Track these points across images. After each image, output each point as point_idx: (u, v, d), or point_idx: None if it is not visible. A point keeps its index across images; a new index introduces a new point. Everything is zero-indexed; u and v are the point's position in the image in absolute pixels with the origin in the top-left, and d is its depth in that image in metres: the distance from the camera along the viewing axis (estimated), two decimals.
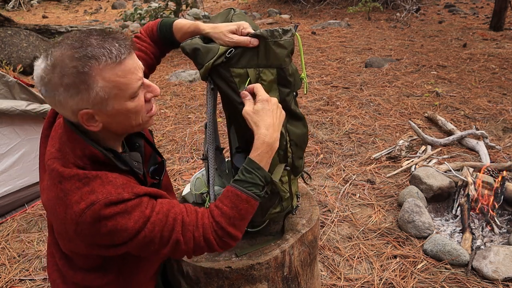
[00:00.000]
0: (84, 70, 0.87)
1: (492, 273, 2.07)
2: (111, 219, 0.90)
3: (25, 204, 2.96)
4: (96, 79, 0.88)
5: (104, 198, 0.89)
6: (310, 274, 1.44)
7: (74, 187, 0.91)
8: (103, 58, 0.88)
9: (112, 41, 0.90)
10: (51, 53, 0.88)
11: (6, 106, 2.67)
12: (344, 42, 7.13)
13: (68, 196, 0.90)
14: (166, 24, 1.21)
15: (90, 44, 0.88)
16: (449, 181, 2.73)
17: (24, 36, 6.78)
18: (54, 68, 0.87)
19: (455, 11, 9.68)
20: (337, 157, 3.40)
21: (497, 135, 3.63)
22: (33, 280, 2.32)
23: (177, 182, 3.16)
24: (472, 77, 5.05)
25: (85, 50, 0.87)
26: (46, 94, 0.91)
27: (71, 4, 15.17)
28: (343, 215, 2.68)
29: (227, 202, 1.02)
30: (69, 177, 0.92)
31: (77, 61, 0.86)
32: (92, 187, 0.91)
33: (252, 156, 1.05)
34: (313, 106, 4.40)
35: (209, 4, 13.00)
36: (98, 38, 0.89)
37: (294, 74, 1.16)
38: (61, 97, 0.89)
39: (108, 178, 0.93)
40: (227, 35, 1.08)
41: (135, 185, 0.97)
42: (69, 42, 0.88)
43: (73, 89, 0.88)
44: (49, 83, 0.88)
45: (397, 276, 2.17)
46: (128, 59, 0.92)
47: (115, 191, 0.91)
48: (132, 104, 0.95)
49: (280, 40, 1.09)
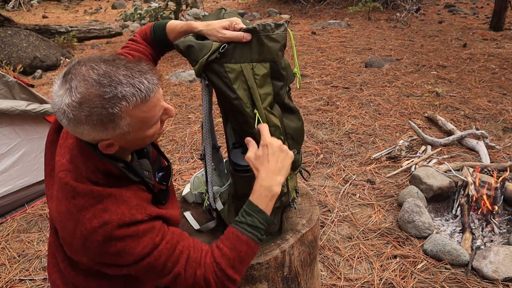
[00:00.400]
0: (114, 111, 0.85)
1: (492, 273, 2.07)
2: (122, 240, 0.91)
3: (25, 204, 2.96)
4: (124, 118, 0.87)
5: (118, 219, 0.90)
6: (310, 274, 1.44)
7: (88, 203, 0.91)
8: (133, 99, 0.86)
9: (140, 77, 0.87)
10: (76, 88, 0.84)
11: (6, 106, 2.67)
12: (344, 42, 7.13)
13: (82, 212, 0.91)
14: (159, 26, 1.22)
15: (120, 82, 0.85)
16: (449, 181, 2.73)
17: (24, 36, 6.78)
18: (81, 106, 0.84)
19: (455, 11, 9.68)
20: (337, 157, 3.40)
21: (497, 135, 3.63)
22: (33, 280, 2.32)
23: (177, 182, 3.16)
24: (472, 77, 5.05)
25: (115, 90, 0.84)
26: (67, 125, 0.88)
27: (71, 4, 15.17)
28: (343, 215, 2.68)
29: (228, 243, 1.02)
30: (84, 194, 0.92)
31: (106, 102, 0.84)
32: (106, 205, 0.91)
33: (252, 198, 1.07)
34: (313, 106, 4.40)
35: (209, 4, 13.00)
36: (126, 73, 0.86)
37: (286, 68, 1.17)
38: (84, 131, 0.88)
39: (123, 197, 0.94)
40: (220, 31, 1.09)
41: (148, 205, 0.98)
42: (96, 78, 0.84)
43: (100, 127, 0.87)
44: (74, 119, 0.85)
45: (397, 276, 2.17)
46: (156, 94, 0.91)
47: (129, 212, 0.92)
48: (152, 130, 0.96)
49: (273, 34, 1.09)
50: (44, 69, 6.55)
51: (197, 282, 1.00)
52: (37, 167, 2.95)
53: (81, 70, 0.85)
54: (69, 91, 0.84)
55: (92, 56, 0.90)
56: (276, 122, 1.16)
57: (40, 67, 6.52)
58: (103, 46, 8.27)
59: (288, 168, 1.11)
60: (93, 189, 0.92)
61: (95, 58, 0.88)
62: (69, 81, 0.85)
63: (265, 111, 1.14)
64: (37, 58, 6.55)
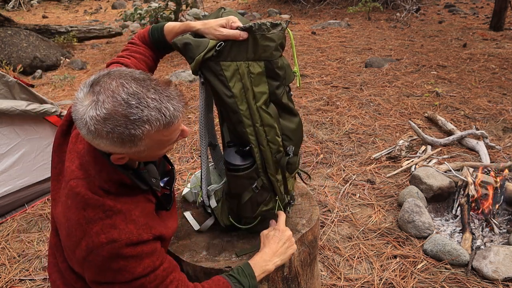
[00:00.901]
0: (136, 133, 0.86)
1: (492, 273, 2.07)
2: (126, 259, 0.93)
3: (25, 204, 2.96)
4: (144, 140, 0.88)
5: (126, 238, 0.92)
6: (310, 274, 1.44)
7: (97, 217, 0.92)
8: (156, 124, 0.86)
9: (167, 102, 0.87)
10: (103, 103, 0.83)
11: (6, 106, 2.67)
12: (344, 42, 7.13)
13: (90, 225, 0.92)
14: (157, 28, 1.22)
15: (147, 105, 0.85)
16: (449, 181, 2.73)
17: (24, 36, 6.78)
18: (105, 121, 0.84)
19: (455, 11, 9.68)
20: (337, 157, 3.40)
21: (497, 135, 3.63)
22: (33, 280, 2.32)
23: (177, 182, 3.16)
24: (472, 77, 5.05)
25: (142, 113, 0.84)
26: (85, 134, 0.88)
27: (71, 4, 15.17)
28: (343, 215, 2.68)
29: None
30: (94, 206, 0.93)
31: (130, 123, 0.84)
32: (115, 221, 0.92)
33: (251, 263, 1.15)
34: (313, 106, 4.40)
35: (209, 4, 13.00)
36: (155, 96, 0.86)
37: (284, 67, 1.17)
38: (101, 144, 0.88)
39: (131, 216, 0.95)
40: (217, 29, 1.10)
41: (153, 222, 1.00)
42: (125, 97, 0.84)
43: (118, 144, 0.87)
44: (95, 132, 0.85)
45: (397, 276, 2.17)
46: (179, 121, 0.92)
47: (137, 232, 0.94)
48: (165, 150, 0.98)
49: (268, 33, 1.10)
50: (44, 69, 6.55)
51: None
52: (37, 167, 2.96)
53: (111, 84, 0.85)
54: (96, 104, 0.84)
55: (123, 70, 0.89)
56: (271, 122, 1.16)
57: (40, 67, 6.52)
58: (103, 46, 8.27)
59: (287, 257, 1.21)
60: (104, 203, 0.93)
61: (126, 74, 0.88)
62: (97, 94, 0.85)
63: (260, 110, 1.14)
64: (37, 58, 6.55)
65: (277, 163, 1.22)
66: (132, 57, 1.20)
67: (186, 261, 1.27)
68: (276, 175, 1.24)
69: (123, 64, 1.17)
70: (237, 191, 1.23)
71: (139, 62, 1.21)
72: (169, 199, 1.13)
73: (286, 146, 1.23)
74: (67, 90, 5.54)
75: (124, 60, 1.19)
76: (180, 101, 0.91)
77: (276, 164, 1.22)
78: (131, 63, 1.18)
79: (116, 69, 0.90)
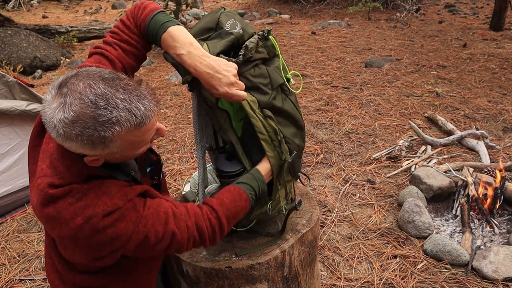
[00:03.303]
0: (106, 134, 0.83)
1: (492, 273, 2.07)
2: (111, 226, 0.91)
3: (25, 204, 2.96)
4: (115, 141, 0.86)
5: (102, 210, 0.90)
6: (310, 274, 1.44)
7: (67, 203, 0.90)
8: (126, 125, 0.84)
9: (138, 102, 0.85)
10: (70, 105, 0.81)
11: (6, 106, 2.67)
12: (344, 42, 7.13)
13: (61, 214, 0.90)
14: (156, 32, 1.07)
15: (116, 106, 0.82)
16: (449, 181, 2.73)
17: (24, 36, 6.78)
18: (73, 124, 0.82)
19: (455, 11, 9.68)
20: (337, 157, 3.40)
21: (497, 135, 3.63)
22: (33, 280, 2.32)
23: (177, 182, 3.16)
24: (472, 77, 5.05)
25: (110, 114, 0.82)
26: (55, 137, 0.86)
27: (71, 4, 15.17)
28: (343, 215, 2.68)
29: (228, 195, 1.07)
30: (62, 196, 0.90)
31: (99, 124, 0.82)
32: (86, 202, 0.90)
33: (261, 168, 1.16)
34: (313, 106, 4.40)
35: (209, 4, 13.00)
36: (124, 96, 0.84)
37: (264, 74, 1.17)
38: (72, 146, 0.86)
39: (102, 188, 0.92)
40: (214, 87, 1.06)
41: (128, 189, 0.96)
42: (92, 98, 0.81)
43: (89, 146, 0.85)
44: (64, 135, 0.83)
45: (397, 276, 2.17)
46: (151, 120, 0.89)
47: (111, 202, 0.92)
48: (140, 150, 0.95)
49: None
50: (44, 69, 6.55)
51: (191, 233, 1.01)
52: None
53: (78, 86, 0.83)
54: (63, 106, 0.82)
55: (91, 70, 0.87)
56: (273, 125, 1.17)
57: (40, 67, 6.52)
58: None
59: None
60: (72, 188, 0.90)
61: (94, 75, 0.85)
62: (64, 96, 0.82)
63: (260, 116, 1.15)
64: (37, 58, 6.55)
65: (281, 167, 1.22)
66: (119, 48, 1.09)
67: (186, 261, 1.27)
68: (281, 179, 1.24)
69: (107, 58, 1.07)
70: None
71: (127, 55, 1.10)
72: (158, 190, 1.11)
73: (291, 149, 1.23)
74: None
75: (109, 53, 1.08)
76: (152, 99, 0.88)
77: (281, 167, 1.22)
78: (115, 58, 1.08)
79: (84, 69, 0.87)
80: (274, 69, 1.21)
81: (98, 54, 1.09)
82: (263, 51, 1.18)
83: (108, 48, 1.09)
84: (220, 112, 1.15)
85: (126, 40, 1.09)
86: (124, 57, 1.09)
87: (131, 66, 1.13)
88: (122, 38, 1.10)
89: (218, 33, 1.15)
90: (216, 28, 1.16)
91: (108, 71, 0.88)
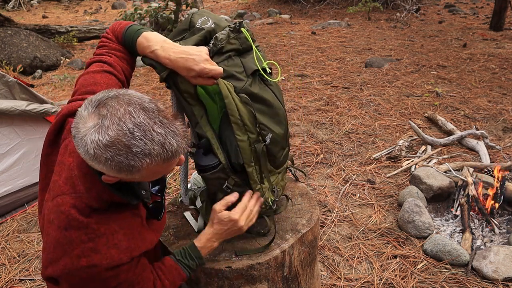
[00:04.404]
0: (136, 164, 0.84)
1: (492, 273, 2.07)
2: (104, 280, 0.95)
3: (25, 204, 2.96)
4: (141, 171, 0.86)
5: (107, 263, 0.92)
6: (310, 274, 1.44)
7: (79, 239, 0.91)
8: (157, 159, 0.85)
9: (172, 138, 0.85)
10: (107, 128, 0.81)
11: (6, 106, 2.67)
12: (344, 42, 7.13)
13: (71, 246, 0.91)
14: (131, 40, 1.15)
15: (152, 139, 0.83)
16: (449, 181, 2.73)
17: (24, 36, 6.78)
18: (106, 148, 0.81)
19: (455, 11, 9.68)
20: (337, 157, 3.40)
21: (497, 135, 3.63)
22: (33, 280, 2.32)
23: (177, 182, 3.16)
24: (472, 77, 5.05)
25: (144, 146, 0.82)
26: (83, 154, 0.85)
27: (71, 4, 15.17)
28: (343, 215, 2.68)
29: (170, 277, 1.13)
30: (77, 228, 0.91)
31: (132, 154, 0.82)
32: (96, 245, 0.91)
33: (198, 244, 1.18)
34: (313, 106, 4.40)
35: (209, 4, 13.01)
36: (160, 131, 0.84)
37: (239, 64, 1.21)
38: (96, 166, 0.86)
39: (114, 240, 0.94)
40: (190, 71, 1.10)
41: (136, 244, 1.00)
42: (130, 127, 0.81)
43: (115, 170, 0.85)
44: (94, 155, 0.83)
45: (397, 276, 2.17)
46: (179, 156, 0.91)
47: (118, 256, 0.94)
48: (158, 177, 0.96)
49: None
50: (44, 69, 6.55)
51: None
52: (37, 167, 2.96)
53: (118, 111, 0.82)
54: (100, 128, 0.81)
55: (132, 96, 0.86)
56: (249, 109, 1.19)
57: (40, 67, 6.52)
58: None
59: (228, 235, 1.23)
60: (88, 226, 0.91)
61: (135, 102, 0.85)
62: (102, 117, 0.82)
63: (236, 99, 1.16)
64: (37, 58, 6.55)
65: (255, 152, 1.21)
66: (113, 55, 1.16)
67: None
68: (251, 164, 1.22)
69: (106, 63, 1.13)
70: (215, 189, 1.25)
71: (121, 60, 1.16)
72: (160, 206, 1.13)
73: (265, 135, 1.23)
74: (67, 90, 5.54)
75: (106, 59, 1.14)
76: (183, 137, 0.89)
77: (254, 153, 1.21)
78: (113, 62, 1.14)
79: (125, 93, 0.86)
80: (249, 59, 1.24)
81: (97, 61, 1.15)
82: (235, 42, 1.21)
83: (104, 57, 1.15)
84: (197, 108, 1.18)
85: (115, 48, 1.17)
86: (119, 62, 1.16)
87: (127, 69, 1.19)
88: (111, 47, 1.17)
89: (191, 31, 1.22)
90: (189, 28, 1.23)
91: (148, 99, 0.88)
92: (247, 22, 9.49)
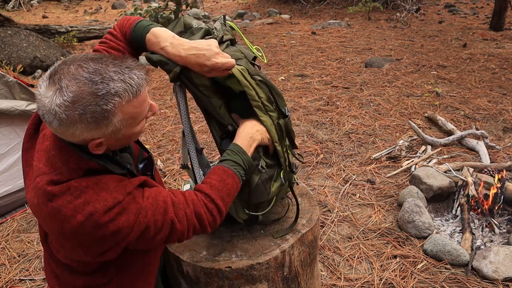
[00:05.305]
0: (108, 107, 0.85)
1: (492, 273, 2.07)
2: (112, 221, 0.91)
3: (25, 204, 2.96)
4: (117, 115, 0.88)
5: (102, 205, 0.90)
6: (310, 274, 1.44)
7: (66, 201, 0.90)
8: (125, 95, 0.87)
9: (130, 72, 0.88)
10: (67, 87, 0.83)
11: (6, 106, 2.67)
12: (344, 42, 7.13)
13: (62, 212, 0.90)
14: (140, 35, 1.14)
15: (111, 79, 0.85)
16: (449, 181, 2.73)
17: (24, 36, 6.78)
18: (74, 104, 0.83)
19: (455, 11, 9.68)
20: (337, 157, 3.40)
21: (497, 135, 3.63)
22: (33, 280, 2.32)
23: (177, 182, 3.16)
24: (472, 77, 5.06)
25: (108, 86, 0.84)
26: (57, 126, 0.86)
27: (71, 4, 15.18)
28: (343, 215, 2.68)
29: (215, 176, 1.09)
30: (61, 193, 0.90)
31: (100, 99, 0.84)
32: (85, 198, 0.90)
33: (236, 141, 1.16)
34: (313, 106, 4.40)
35: (209, 4, 13.02)
36: (116, 69, 0.87)
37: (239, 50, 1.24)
38: (77, 131, 0.87)
39: (100, 185, 0.93)
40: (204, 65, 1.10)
41: (126, 183, 0.97)
42: (87, 76, 0.84)
43: (93, 124, 0.86)
44: (67, 119, 0.84)
45: (397, 276, 2.17)
46: (145, 89, 0.92)
47: (110, 196, 0.92)
48: (139, 127, 0.97)
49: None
50: (44, 69, 6.55)
51: (190, 220, 1.02)
52: None
53: (69, 69, 0.85)
54: (60, 91, 0.83)
55: (76, 56, 0.89)
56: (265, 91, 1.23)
57: (40, 67, 6.52)
58: None
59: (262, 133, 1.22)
60: (69, 185, 0.91)
61: (81, 57, 0.88)
62: (58, 81, 0.84)
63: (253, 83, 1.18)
64: (37, 58, 6.55)
65: (281, 130, 1.27)
66: (107, 53, 1.14)
67: (186, 261, 1.27)
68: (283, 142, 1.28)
69: None
70: (245, 178, 1.24)
71: None
72: None
73: (283, 111, 1.28)
74: None
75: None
76: (141, 69, 0.91)
77: (280, 130, 1.27)
78: None
79: (70, 56, 0.90)
80: (242, 48, 1.28)
81: None
82: (228, 33, 1.26)
83: (100, 52, 1.14)
84: (215, 99, 1.19)
85: (113, 47, 1.16)
86: None
87: None
88: (110, 45, 1.17)
89: (189, 32, 1.23)
90: (185, 30, 1.25)
91: (92, 53, 0.91)
92: (247, 22, 9.49)
